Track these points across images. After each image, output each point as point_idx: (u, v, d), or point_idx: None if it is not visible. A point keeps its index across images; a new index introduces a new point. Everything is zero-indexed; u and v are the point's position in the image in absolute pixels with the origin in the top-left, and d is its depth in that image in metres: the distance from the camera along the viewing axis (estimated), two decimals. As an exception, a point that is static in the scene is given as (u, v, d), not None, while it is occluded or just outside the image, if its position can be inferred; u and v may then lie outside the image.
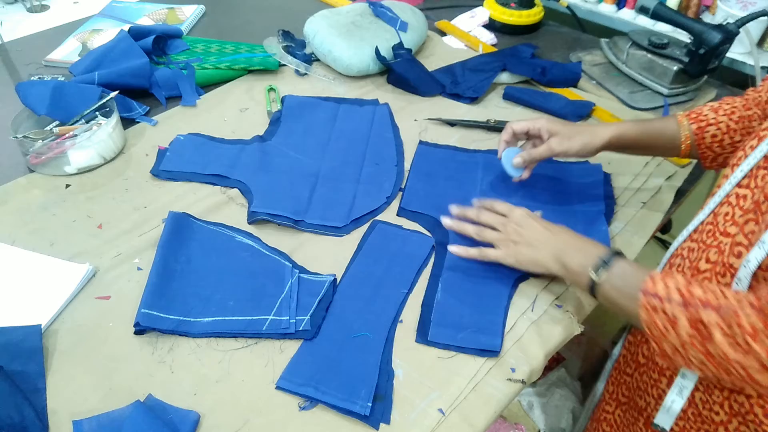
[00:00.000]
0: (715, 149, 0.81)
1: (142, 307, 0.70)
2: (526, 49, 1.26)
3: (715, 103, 0.82)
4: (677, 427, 0.72)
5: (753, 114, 0.78)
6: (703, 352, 0.55)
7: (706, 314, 0.54)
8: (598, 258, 0.67)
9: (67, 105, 0.96)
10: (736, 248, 0.61)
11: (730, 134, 0.79)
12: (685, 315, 0.55)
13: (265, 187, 0.91)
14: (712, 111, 0.81)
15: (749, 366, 0.51)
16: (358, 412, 0.63)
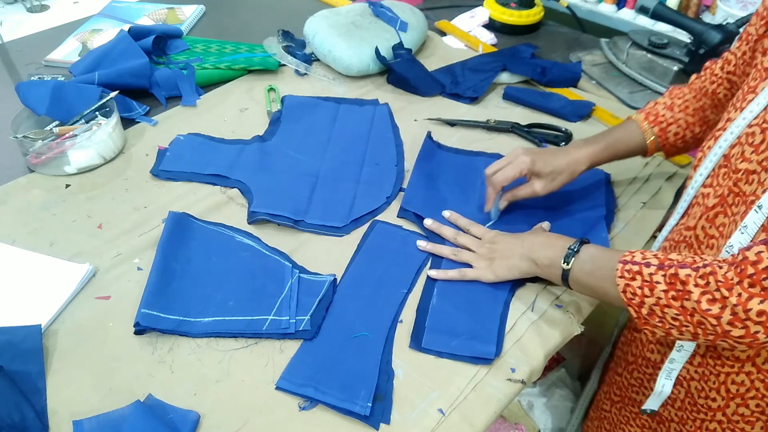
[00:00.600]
0: (678, 145, 0.84)
1: (142, 307, 0.70)
2: (526, 49, 1.26)
3: (666, 100, 0.84)
4: (676, 417, 0.73)
5: (705, 104, 0.80)
6: (680, 309, 0.57)
7: (682, 271, 0.57)
8: (566, 248, 0.70)
9: (67, 105, 0.96)
10: (709, 240, 0.64)
11: (690, 128, 0.82)
12: (662, 275, 0.58)
13: (265, 187, 0.91)
14: (668, 109, 0.83)
15: (723, 318, 0.54)
16: (358, 412, 0.63)
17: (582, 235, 0.84)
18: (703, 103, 0.80)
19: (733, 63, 0.74)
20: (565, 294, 0.78)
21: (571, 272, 0.69)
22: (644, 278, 0.59)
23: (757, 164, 0.59)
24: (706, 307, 0.54)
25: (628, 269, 0.61)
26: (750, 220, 0.56)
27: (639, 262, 0.61)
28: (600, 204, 0.90)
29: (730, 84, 0.75)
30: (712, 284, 0.54)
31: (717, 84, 0.77)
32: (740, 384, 0.64)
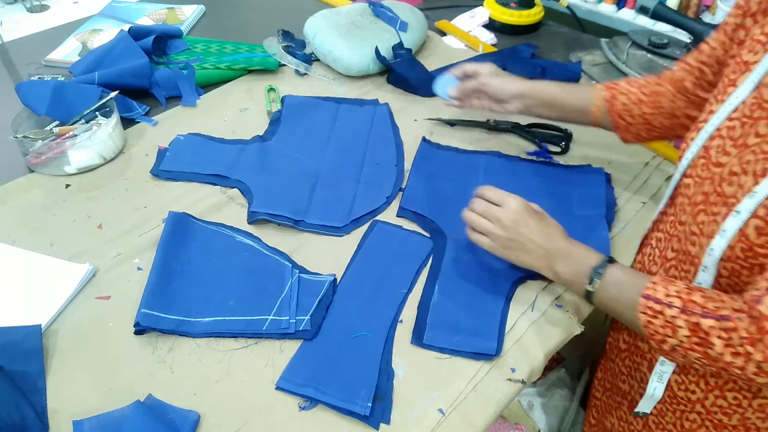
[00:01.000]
0: (625, 118, 0.85)
1: (142, 307, 0.70)
2: (526, 49, 1.26)
3: (631, 77, 0.87)
4: (655, 410, 0.74)
5: (665, 90, 0.81)
6: (703, 354, 0.57)
7: (705, 322, 0.56)
8: (591, 268, 0.68)
9: (67, 105, 0.96)
10: (691, 237, 0.64)
11: (639, 105, 0.83)
12: (684, 321, 0.58)
13: (265, 187, 0.91)
14: (627, 83, 0.86)
15: (747, 369, 0.54)
16: (358, 412, 0.63)
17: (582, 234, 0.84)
18: (664, 89, 0.82)
19: (707, 53, 0.74)
20: (565, 294, 0.78)
21: (596, 295, 0.68)
22: (666, 319, 0.59)
23: (738, 165, 0.59)
24: (729, 360, 0.55)
25: (651, 306, 0.60)
26: (729, 224, 0.57)
27: (662, 301, 0.60)
28: (600, 204, 0.90)
29: (700, 73, 0.76)
30: (735, 339, 0.54)
31: (687, 72, 0.78)
32: (718, 377, 0.66)
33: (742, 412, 0.66)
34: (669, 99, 0.81)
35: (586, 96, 0.87)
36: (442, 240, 0.84)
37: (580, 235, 0.84)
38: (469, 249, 0.83)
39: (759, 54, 0.63)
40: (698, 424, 0.70)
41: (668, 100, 0.81)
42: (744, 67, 0.64)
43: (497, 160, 0.99)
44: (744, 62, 0.65)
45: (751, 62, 0.64)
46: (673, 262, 0.69)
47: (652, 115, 0.83)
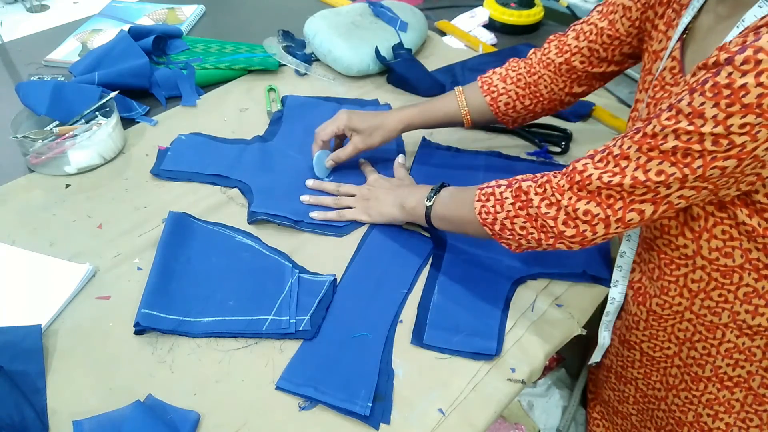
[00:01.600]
0: (510, 114, 0.90)
1: (142, 307, 0.70)
2: (526, 49, 1.25)
3: (503, 70, 0.90)
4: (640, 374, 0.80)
5: (539, 78, 0.86)
6: (526, 216, 0.66)
7: (525, 183, 0.67)
8: (428, 190, 0.78)
9: (67, 105, 0.96)
10: None
11: (520, 100, 0.88)
12: (510, 191, 0.68)
13: (266, 188, 0.91)
14: (501, 80, 0.89)
15: (558, 218, 0.63)
16: (358, 412, 0.63)
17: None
18: (538, 77, 0.86)
19: (594, 32, 0.80)
20: (566, 294, 0.78)
21: (433, 209, 0.77)
22: (496, 197, 0.68)
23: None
24: (545, 211, 0.63)
25: (484, 192, 0.70)
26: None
27: (492, 185, 0.70)
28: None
29: (590, 52, 0.81)
30: (548, 191, 0.63)
31: (570, 53, 0.82)
32: (685, 330, 0.71)
33: (712, 361, 0.70)
34: (546, 84, 0.86)
35: (454, 109, 0.90)
36: (442, 240, 0.84)
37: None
38: (469, 249, 0.83)
39: (663, 42, 0.70)
40: (679, 378, 0.75)
41: (546, 85, 0.86)
42: (654, 56, 0.72)
43: (497, 160, 0.99)
44: (653, 52, 0.72)
45: (659, 50, 0.71)
46: None
47: (533, 104, 0.88)
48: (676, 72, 0.66)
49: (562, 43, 0.84)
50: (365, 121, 0.89)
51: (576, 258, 0.81)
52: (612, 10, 0.78)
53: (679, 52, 0.66)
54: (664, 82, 0.67)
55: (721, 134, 0.51)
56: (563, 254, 0.82)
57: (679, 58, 0.66)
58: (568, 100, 0.88)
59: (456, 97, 0.90)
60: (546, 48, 0.86)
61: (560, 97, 0.87)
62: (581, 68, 0.83)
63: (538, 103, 0.88)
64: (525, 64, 0.88)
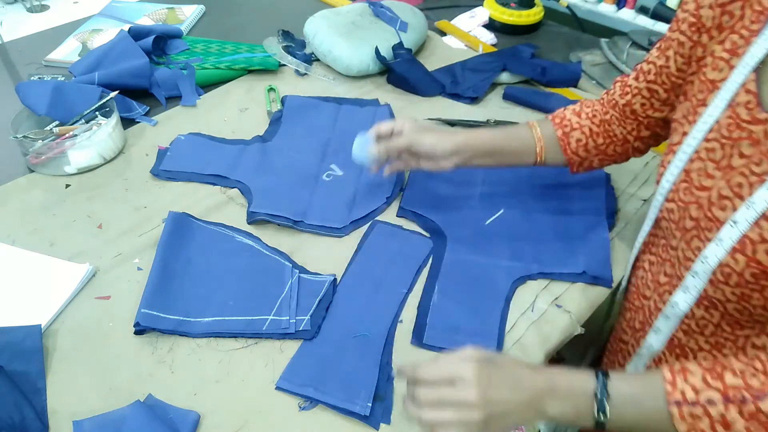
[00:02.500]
0: (580, 153, 0.80)
1: (142, 307, 0.70)
2: (526, 49, 1.26)
3: (576, 107, 0.82)
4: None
5: (611, 117, 0.79)
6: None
7: (764, 405, 0.50)
8: (589, 397, 0.56)
9: (67, 105, 0.96)
10: (686, 262, 0.64)
11: (593, 138, 0.80)
12: (736, 412, 0.51)
13: (265, 188, 0.91)
14: (575, 115, 0.81)
15: None
16: (358, 412, 0.63)
17: (582, 234, 0.85)
18: (610, 116, 0.79)
19: (654, 72, 0.72)
20: (566, 294, 0.78)
21: (612, 423, 0.55)
22: (714, 418, 0.52)
23: (728, 188, 0.59)
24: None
25: (689, 413, 0.52)
26: (725, 234, 0.57)
27: (699, 402, 0.52)
28: (600, 204, 0.90)
29: (650, 93, 0.73)
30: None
31: (631, 95, 0.75)
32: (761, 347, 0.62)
33: None
34: (618, 125, 0.79)
35: (526, 137, 0.81)
36: (442, 240, 0.84)
37: (580, 236, 0.85)
38: (469, 249, 0.83)
39: (724, 71, 0.62)
40: None
41: (618, 126, 0.79)
42: (711, 86, 0.63)
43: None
44: (710, 81, 0.63)
45: (717, 80, 0.63)
46: (667, 287, 0.68)
47: (605, 145, 0.80)
48: (753, 107, 0.58)
49: (625, 83, 0.77)
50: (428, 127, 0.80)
51: (576, 258, 0.81)
52: (668, 46, 0.69)
53: (755, 85, 0.58)
54: (740, 119, 0.59)
55: None
56: (563, 254, 0.82)
57: (755, 92, 0.58)
58: (637, 145, 0.80)
59: (528, 126, 0.82)
60: (612, 89, 0.80)
61: (631, 141, 0.79)
62: (641, 112, 0.75)
63: (611, 143, 0.80)
64: (599, 103, 0.81)
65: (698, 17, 0.64)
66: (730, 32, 0.62)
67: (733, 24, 0.62)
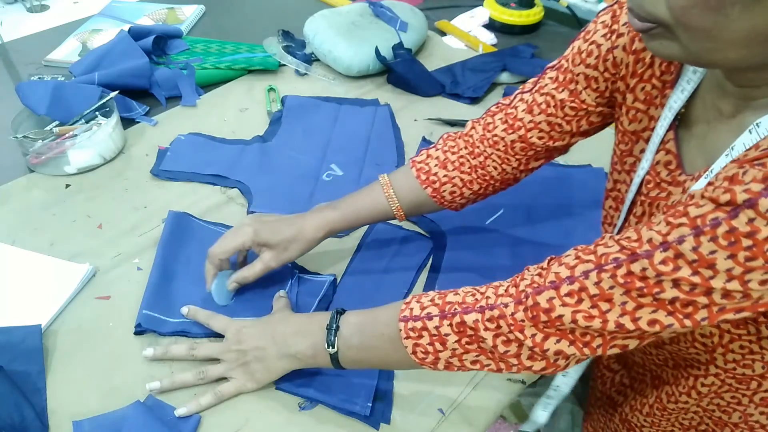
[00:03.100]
0: (458, 201, 0.76)
1: (143, 308, 0.70)
2: (526, 49, 1.26)
3: (440, 154, 0.75)
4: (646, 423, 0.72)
5: (486, 158, 0.72)
6: (478, 350, 0.54)
7: (469, 317, 0.53)
8: (323, 329, 0.61)
9: (67, 105, 0.96)
10: None
11: (467, 186, 0.74)
12: (448, 326, 0.54)
13: (265, 188, 0.91)
14: (441, 167, 0.74)
15: (522, 355, 0.52)
16: (359, 412, 0.63)
17: (582, 235, 0.85)
18: (483, 158, 0.72)
19: (553, 104, 0.67)
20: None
21: (340, 353, 0.60)
22: (431, 333, 0.55)
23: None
24: (503, 349, 0.52)
25: (412, 327, 0.56)
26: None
27: (420, 317, 0.56)
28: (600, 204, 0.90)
29: (550, 127, 0.68)
30: (503, 327, 0.52)
31: (525, 130, 0.69)
32: (690, 419, 0.66)
33: (743, 409, 0.64)
34: (496, 165, 0.73)
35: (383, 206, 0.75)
36: (442, 240, 0.84)
37: (579, 235, 0.85)
38: (469, 249, 0.83)
39: (643, 121, 0.61)
40: (697, 421, 0.68)
41: (495, 166, 0.73)
42: (634, 137, 0.62)
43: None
44: (631, 132, 0.62)
45: (639, 131, 0.61)
46: None
47: (482, 187, 0.75)
48: (674, 168, 0.56)
49: (511, 117, 0.70)
50: (277, 233, 0.71)
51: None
52: (571, 79, 0.65)
53: (674, 144, 0.56)
54: (660, 178, 0.58)
55: (736, 290, 0.42)
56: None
57: (675, 152, 0.56)
58: (522, 176, 0.75)
59: (383, 191, 0.75)
60: (489, 123, 0.72)
61: (514, 175, 0.74)
62: (540, 144, 0.69)
63: (488, 186, 0.74)
64: (465, 143, 0.74)
65: (613, 57, 0.61)
66: (640, 81, 0.60)
67: (644, 72, 0.59)
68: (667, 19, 0.43)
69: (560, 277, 0.50)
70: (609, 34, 0.61)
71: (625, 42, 0.59)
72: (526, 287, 0.52)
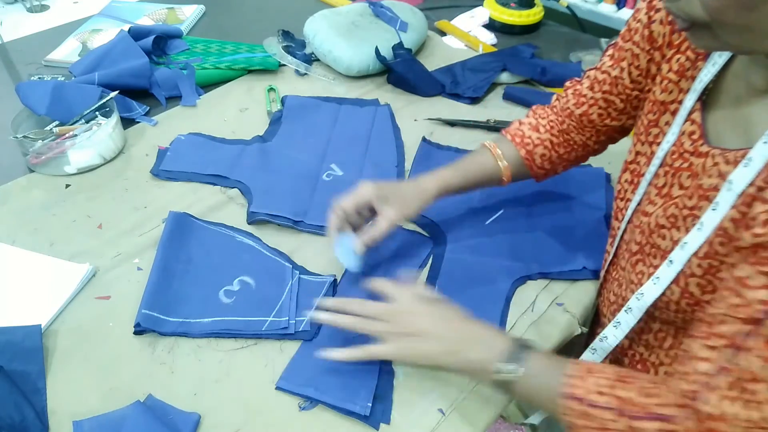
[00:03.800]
0: (545, 167, 0.80)
1: (143, 308, 0.70)
2: (526, 49, 1.26)
3: (531, 120, 0.80)
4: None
5: (568, 126, 0.77)
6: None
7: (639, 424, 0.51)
8: (506, 352, 0.59)
9: (67, 105, 0.96)
10: (630, 285, 0.64)
11: (555, 149, 0.78)
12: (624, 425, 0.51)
13: (265, 188, 0.91)
14: (533, 130, 0.78)
15: None
16: (359, 412, 0.63)
17: (582, 235, 0.85)
18: (567, 125, 0.77)
19: (609, 82, 0.70)
20: (566, 293, 0.78)
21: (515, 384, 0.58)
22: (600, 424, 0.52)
23: (664, 217, 0.59)
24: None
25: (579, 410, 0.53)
26: (662, 273, 0.57)
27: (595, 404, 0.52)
28: (600, 204, 0.90)
29: (606, 104, 0.71)
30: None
31: (587, 105, 0.73)
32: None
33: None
34: (577, 133, 0.77)
35: (491, 166, 0.79)
36: (442, 240, 0.84)
37: (580, 235, 0.85)
38: (469, 249, 0.83)
39: (673, 93, 0.61)
40: None
41: (577, 134, 0.77)
42: (662, 107, 0.63)
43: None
44: (660, 102, 0.63)
45: (667, 102, 0.62)
46: (614, 306, 0.68)
47: (567, 153, 0.79)
48: (697, 138, 0.57)
49: (579, 93, 0.74)
50: (396, 191, 0.74)
51: (576, 257, 0.81)
52: (622, 57, 0.67)
53: (699, 115, 0.58)
54: (683, 149, 0.59)
55: None
56: (563, 254, 0.82)
57: (699, 122, 0.57)
58: (597, 148, 0.79)
59: (491, 153, 0.79)
60: (564, 96, 0.77)
61: (591, 146, 0.78)
62: (599, 122, 0.73)
63: (572, 150, 0.78)
64: (552, 111, 0.79)
65: (651, 32, 0.63)
66: (677, 52, 0.61)
67: (680, 43, 0.60)
68: (704, 18, 0.45)
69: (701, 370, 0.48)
70: (648, 10, 0.63)
71: (663, 15, 0.61)
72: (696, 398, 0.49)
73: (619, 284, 0.68)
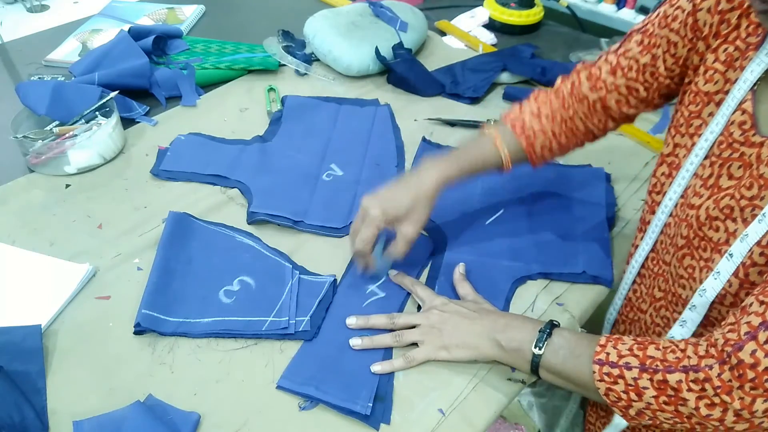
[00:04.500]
0: (546, 156, 0.79)
1: (143, 308, 0.70)
2: (526, 49, 1.26)
3: (533, 106, 0.78)
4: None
5: (574, 113, 0.76)
6: (675, 413, 0.54)
7: (672, 377, 0.53)
8: (537, 331, 0.63)
9: (67, 105, 0.96)
10: (680, 280, 0.63)
11: (556, 139, 0.77)
12: (648, 380, 0.54)
13: (265, 188, 0.91)
14: (534, 118, 0.77)
15: (726, 419, 0.51)
16: (359, 412, 0.63)
17: (582, 234, 0.85)
18: (573, 112, 0.76)
19: (635, 69, 0.68)
20: (566, 294, 0.78)
21: (544, 359, 0.62)
22: (628, 383, 0.56)
23: (717, 209, 0.58)
24: (706, 413, 0.52)
25: (607, 372, 0.57)
26: (723, 267, 0.56)
27: (618, 364, 0.56)
28: (600, 204, 0.90)
29: (629, 91, 0.71)
30: (709, 390, 0.51)
31: (606, 91, 0.72)
32: None
33: None
34: (583, 120, 0.76)
35: (492, 155, 0.77)
36: (442, 240, 0.84)
37: (580, 235, 0.85)
38: (469, 249, 0.83)
39: (719, 83, 0.60)
40: None
41: (582, 121, 0.76)
42: (706, 98, 0.62)
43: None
44: (704, 93, 0.62)
45: (712, 92, 0.61)
46: (662, 302, 0.68)
47: (568, 141, 0.78)
48: (748, 128, 0.57)
49: (595, 77, 0.73)
50: (401, 203, 0.72)
51: (576, 258, 0.81)
52: (655, 43, 0.66)
53: (751, 105, 0.57)
54: (732, 139, 0.58)
55: None
56: (563, 254, 0.82)
57: (751, 112, 0.56)
58: (599, 135, 0.79)
59: (492, 140, 0.77)
60: (575, 80, 0.76)
61: (594, 132, 0.78)
62: (615, 108, 0.73)
63: (573, 138, 0.78)
64: (556, 98, 0.77)
65: (696, 20, 0.62)
66: (724, 42, 0.60)
67: (729, 33, 0.59)
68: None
69: (753, 326, 0.49)
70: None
71: (711, 4, 0.60)
72: (723, 346, 0.51)
73: (665, 279, 0.67)
